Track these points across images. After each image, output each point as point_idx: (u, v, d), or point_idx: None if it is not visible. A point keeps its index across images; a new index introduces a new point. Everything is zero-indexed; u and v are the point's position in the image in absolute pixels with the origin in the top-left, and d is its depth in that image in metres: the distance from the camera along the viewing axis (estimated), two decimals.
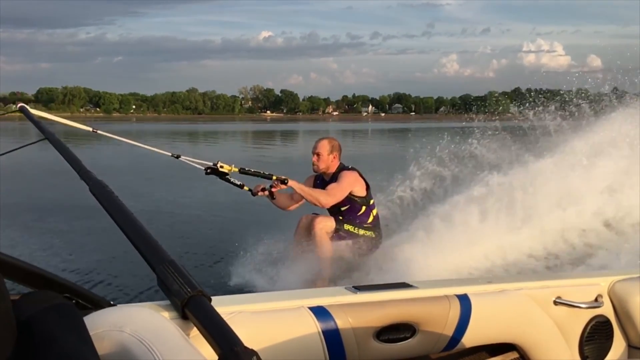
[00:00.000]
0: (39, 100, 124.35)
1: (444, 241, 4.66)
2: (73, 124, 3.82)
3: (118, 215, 1.29)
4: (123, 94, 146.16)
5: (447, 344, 1.60)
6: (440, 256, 4.45)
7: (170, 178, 11.07)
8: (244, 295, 1.51)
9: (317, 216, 4.67)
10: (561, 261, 4.87)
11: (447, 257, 4.49)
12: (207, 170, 4.27)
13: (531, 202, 5.26)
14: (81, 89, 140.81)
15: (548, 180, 5.45)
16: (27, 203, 8.63)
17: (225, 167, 4.27)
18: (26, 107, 2.86)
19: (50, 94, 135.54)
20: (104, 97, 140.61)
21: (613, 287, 1.84)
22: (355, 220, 4.71)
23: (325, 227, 4.55)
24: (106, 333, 0.96)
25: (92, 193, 1.42)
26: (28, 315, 0.88)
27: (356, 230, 4.68)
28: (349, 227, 4.65)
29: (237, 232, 5.68)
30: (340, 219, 4.66)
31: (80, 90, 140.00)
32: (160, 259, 1.15)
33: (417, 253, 4.48)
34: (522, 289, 1.73)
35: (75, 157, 1.70)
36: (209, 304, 1.07)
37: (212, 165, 4.26)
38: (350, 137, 34.79)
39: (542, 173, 5.58)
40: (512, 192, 5.35)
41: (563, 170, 5.59)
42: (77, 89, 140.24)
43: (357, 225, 4.70)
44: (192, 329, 1.13)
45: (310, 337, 1.39)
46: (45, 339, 0.85)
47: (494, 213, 5.13)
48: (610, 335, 1.84)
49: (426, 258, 4.37)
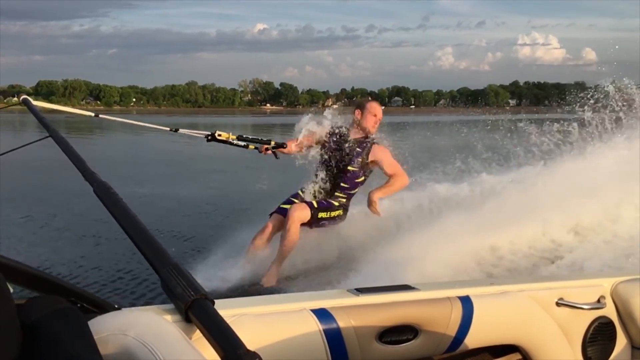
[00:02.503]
0: (38, 93, 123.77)
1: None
2: (76, 111, 3.96)
3: (122, 217, 1.29)
4: (123, 87, 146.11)
5: (449, 346, 1.61)
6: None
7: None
8: (246, 298, 1.52)
9: (296, 204, 4.71)
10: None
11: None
12: (207, 137, 4.53)
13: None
14: (82, 82, 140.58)
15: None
16: (27, 202, 8.50)
17: (223, 135, 4.54)
18: (29, 99, 2.82)
19: (50, 87, 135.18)
20: (104, 90, 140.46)
21: (616, 288, 1.84)
22: (349, 190, 4.85)
23: (301, 216, 4.62)
24: (110, 337, 0.97)
25: (96, 195, 1.42)
26: (34, 319, 0.90)
27: (329, 215, 4.76)
28: (322, 214, 4.72)
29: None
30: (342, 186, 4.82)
31: (80, 83, 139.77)
32: (164, 262, 1.15)
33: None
34: (524, 291, 1.73)
35: (79, 157, 1.69)
36: (212, 307, 1.08)
37: (211, 134, 4.53)
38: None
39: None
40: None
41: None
42: (77, 81, 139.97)
43: (340, 198, 4.82)
44: (196, 332, 1.13)
45: (313, 339, 1.40)
46: (51, 343, 0.86)
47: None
48: (613, 337, 1.84)
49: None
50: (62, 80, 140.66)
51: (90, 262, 5.40)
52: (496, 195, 5.41)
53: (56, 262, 5.33)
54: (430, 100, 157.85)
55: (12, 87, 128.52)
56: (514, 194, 5.28)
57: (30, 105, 2.63)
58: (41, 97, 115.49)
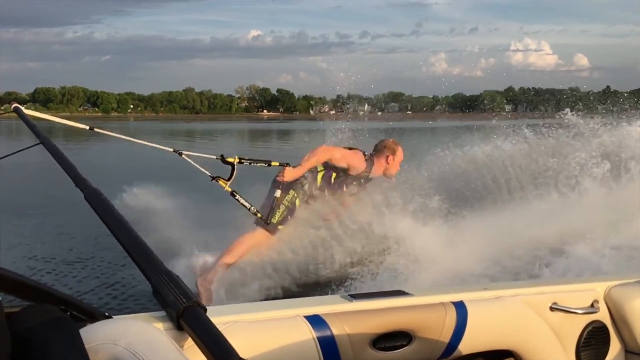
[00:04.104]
0: (36, 100, 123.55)
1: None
2: (70, 123, 3.78)
3: (113, 224, 1.29)
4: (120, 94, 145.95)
5: (443, 352, 1.60)
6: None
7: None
8: (239, 305, 1.51)
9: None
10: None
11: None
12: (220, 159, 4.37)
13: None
14: (79, 89, 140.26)
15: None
16: (19, 208, 8.37)
17: (229, 159, 4.36)
18: (20, 108, 2.82)
19: (47, 94, 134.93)
20: (101, 96, 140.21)
21: (609, 292, 1.84)
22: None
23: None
24: (101, 346, 0.96)
25: (87, 201, 1.42)
26: (25, 328, 0.89)
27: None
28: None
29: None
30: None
31: (78, 90, 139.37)
32: (155, 269, 1.15)
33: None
34: (518, 295, 1.73)
35: (70, 164, 1.69)
36: (204, 314, 1.08)
37: (217, 158, 4.35)
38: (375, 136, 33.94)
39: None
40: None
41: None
42: (75, 88, 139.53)
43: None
44: (188, 339, 1.13)
45: (306, 346, 1.39)
46: (42, 353, 0.86)
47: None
48: (607, 341, 1.84)
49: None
50: (60, 87, 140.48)
51: (81, 269, 5.36)
52: None
53: (46, 269, 5.30)
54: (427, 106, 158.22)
55: (8, 94, 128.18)
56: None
57: (21, 113, 2.65)
58: (39, 104, 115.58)
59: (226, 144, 29.11)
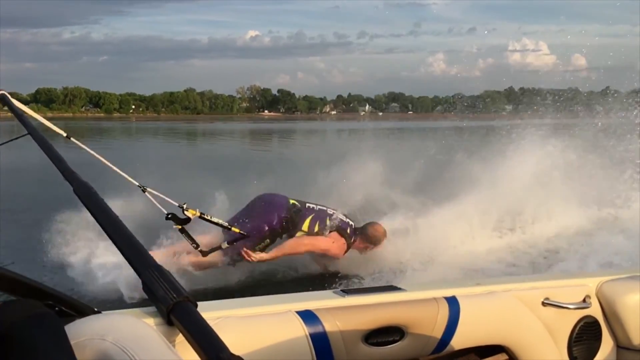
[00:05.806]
0: (37, 101, 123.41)
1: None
2: (49, 124, 3.59)
3: (103, 218, 1.27)
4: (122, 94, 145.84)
5: (436, 347, 1.60)
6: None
7: None
8: (230, 300, 1.49)
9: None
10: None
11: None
12: (168, 216, 4.14)
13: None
14: (82, 89, 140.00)
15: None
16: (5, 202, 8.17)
17: (190, 212, 4.16)
18: (7, 95, 2.72)
19: (49, 94, 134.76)
20: (104, 97, 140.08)
21: (601, 288, 1.85)
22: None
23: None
24: (88, 342, 0.95)
25: (76, 194, 1.40)
26: (7, 325, 0.87)
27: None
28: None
29: None
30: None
31: (80, 90, 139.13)
32: (145, 264, 1.13)
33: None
34: (510, 291, 1.73)
35: (59, 156, 1.66)
36: (195, 309, 1.06)
37: (179, 206, 4.12)
38: (378, 136, 33.84)
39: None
40: None
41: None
42: (77, 89, 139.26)
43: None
44: (178, 335, 1.12)
45: (298, 341, 1.39)
46: (25, 349, 0.84)
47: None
48: (599, 336, 1.84)
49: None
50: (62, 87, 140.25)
51: (68, 263, 5.24)
52: None
53: (32, 264, 5.22)
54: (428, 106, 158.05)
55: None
56: None
57: (9, 102, 2.55)
58: (41, 104, 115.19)
59: (226, 144, 29.07)
